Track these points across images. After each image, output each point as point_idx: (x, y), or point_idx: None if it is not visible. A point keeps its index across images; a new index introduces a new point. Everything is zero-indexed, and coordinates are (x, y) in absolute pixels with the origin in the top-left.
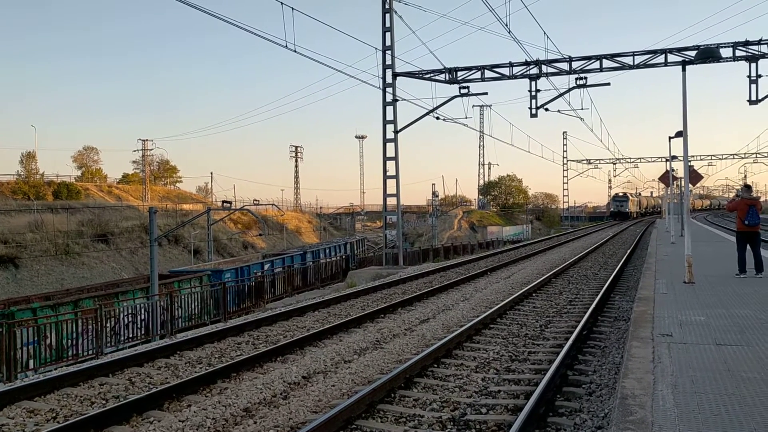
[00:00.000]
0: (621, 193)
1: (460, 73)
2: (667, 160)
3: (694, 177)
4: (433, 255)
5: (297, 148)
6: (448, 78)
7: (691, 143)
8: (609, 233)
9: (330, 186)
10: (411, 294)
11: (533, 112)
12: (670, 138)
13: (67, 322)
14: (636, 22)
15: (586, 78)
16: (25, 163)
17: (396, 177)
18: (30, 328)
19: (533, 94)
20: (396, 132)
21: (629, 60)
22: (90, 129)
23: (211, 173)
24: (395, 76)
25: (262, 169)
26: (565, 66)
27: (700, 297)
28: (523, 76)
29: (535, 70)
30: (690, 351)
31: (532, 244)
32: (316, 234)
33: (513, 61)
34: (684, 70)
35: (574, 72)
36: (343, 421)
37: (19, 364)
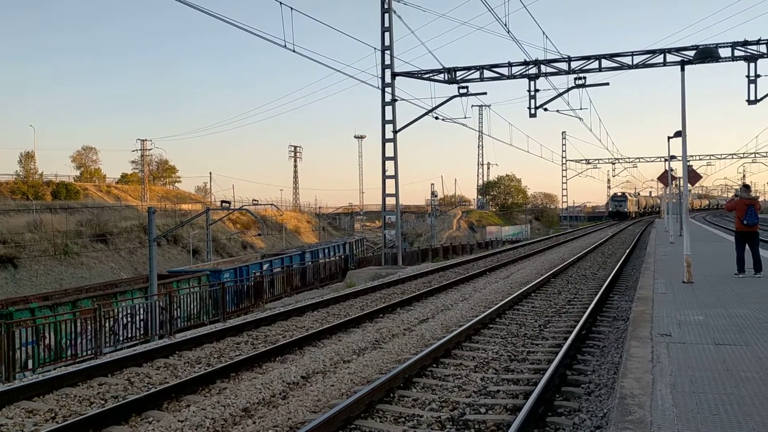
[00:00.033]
0: (619, 193)
1: (459, 73)
2: (665, 160)
3: (693, 177)
4: (432, 255)
5: (296, 148)
6: (447, 78)
7: (690, 143)
8: (608, 233)
9: (329, 186)
10: (410, 294)
11: (532, 112)
12: (668, 138)
13: (66, 322)
14: (635, 22)
15: (585, 78)
16: (24, 162)
17: (395, 177)
18: (28, 329)
19: (532, 94)
20: (395, 132)
21: (628, 60)
22: (89, 129)
23: (210, 173)
24: (394, 76)
25: (261, 169)
26: (564, 66)
27: (699, 297)
28: (522, 76)
29: (534, 70)
30: (689, 351)
31: (531, 244)
32: (315, 234)
33: (512, 61)
34: (683, 70)
35: (573, 72)
36: (342, 420)
37: (17, 364)
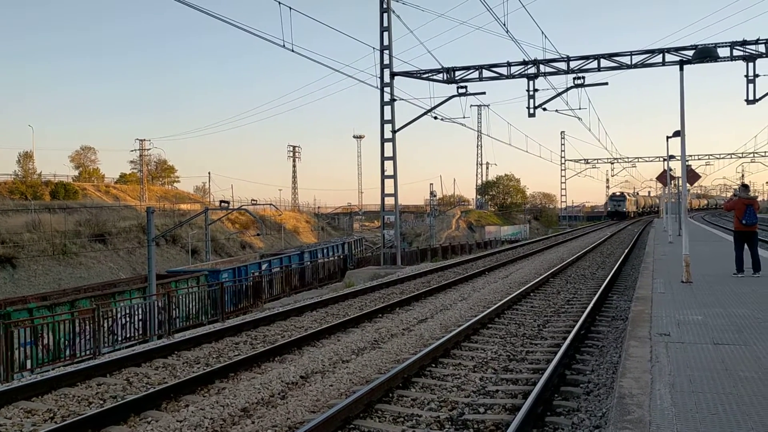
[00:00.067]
0: (618, 193)
1: (457, 72)
2: (664, 160)
3: (692, 176)
4: (431, 255)
5: (295, 147)
6: (445, 78)
7: (689, 143)
8: (607, 233)
9: (328, 186)
10: (409, 294)
11: (531, 111)
12: (667, 137)
13: (64, 322)
14: (634, 21)
15: (583, 77)
16: (23, 162)
17: (394, 177)
18: (26, 329)
19: (531, 93)
20: (394, 132)
21: (627, 60)
22: (87, 129)
23: (209, 173)
24: (393, 75)
25: (260, 169)
26: (562, 66)
27: (698, 296)
28: (520, 76)
29: (532, 70)
30: (688, 350)
31: (530, 243)
32: (314, 234)
33: (511, 60)
34: (681, 69)
35: (572, 72)
36: (341, 420)
37: (16, 364)
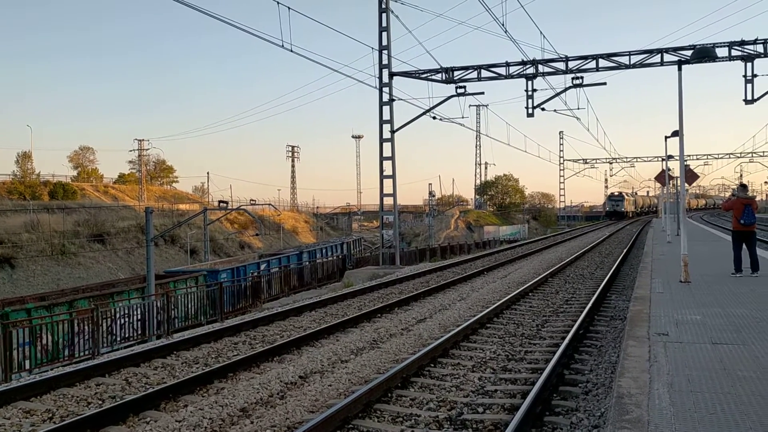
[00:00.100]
0: (616, 193)
1: (456, 72)
2: (663, 160)
3: (690, 176)
4: (430, 255)
5: (294, 147)
6: (444, 78)
7: (687, 143)
8: (605, 233)
9: (327, 186)
10: (408, 294)
11: (530, 111)
12: (666, 137)
13: (63, 322)
14: (632, 22)
15: (582, 77)
16: (21, 163)
17: (393, 177)
18: (25, 329)
19: (530, 93)
20: (393, 132)
21: (625, 60)
22: (86, 129)
23: (208, 173)
24: (392, 75)
25: (259, 169)
26: (561, 65)
27: (696, 296)
28: (519, 76)
29: (531, 70)
30: (686, 350)
31: (529, 243)
32: (313, 234)
33: (509, 60)
34: (680, 69)
35: (571, 72)
36: (340, 420)
37: (14, 364)
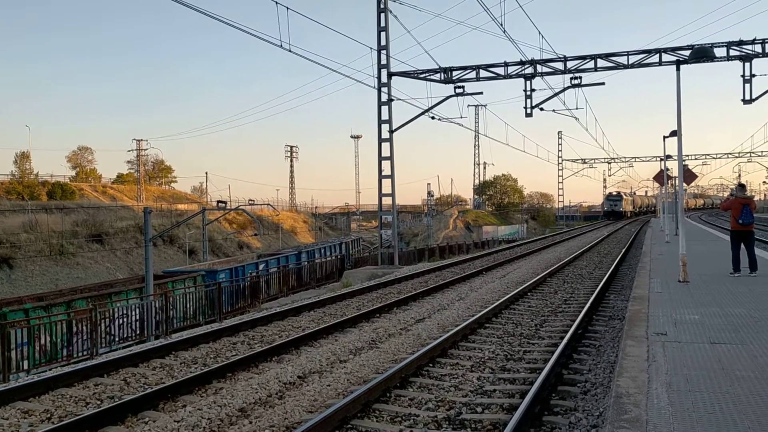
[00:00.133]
0: (615, 192)
1: (455, 72)
2: (661, 160)
3: (689, 176)
4: (429, 254)
5: (292, 147)
6: (443, 78)
7: (686, 142)
8: (604, 232)
9: (325, 186)
10: (406, 293)
11: (528, 111)
12: (664, 137)
13: (61, 322)
14: (631, 22)
15: (580, 77)
16: (19, 163)
17: (391, 177)
18: (23, 329)
19: (528, 93)
20: (391, 132)
21: (624, 60)
22: (84, 129)
23: (206, 173)
24: (390, 75)
25: (258, 169)
26: (559, 65)
27: (695, 296)
28: (518, 76)
29: (530, 70)
30: (684, 350)
31: (528, 243)
32: (312, 234)
33: (508, 60)
34: (678, 69)
35: (569, 71)
36: (339, 420)
37: (12, 365)
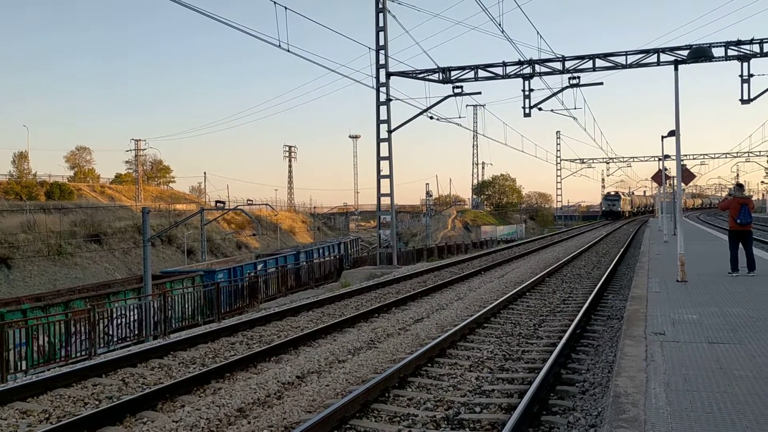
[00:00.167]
0: (613, 192)
1: (453, 72)
2: (659, 159)
3: (687, 176)
4: (427, 254)
5: (291, 147)
6: (441, 77)
7: (684, 142)
8: (602, 232)
9: (324, 186)
10: (405, 293)
11: (526, 111)
12: (662, 137)
13: (59, 323)
14: (629, 21)
15: (579, 77)
16: (18, 163)
17: (390, 176)
18: (21, 330)
19: (526, 93)
20: (390, 132)
21: (622, 59)
22: (83, 129)
23: (205, 173)
24: (389, 75)
25: (256, 169)
26: (558, 65)
27: (693, 295)
28: (516, 76)
29: (528, 70)
30: (683, 349)
31: (526, 243)
32: (310, 234)
33: (506, 60)
34: (676, 69)
35: (567, 71)
36: (337, 420)
37: (10, 365)
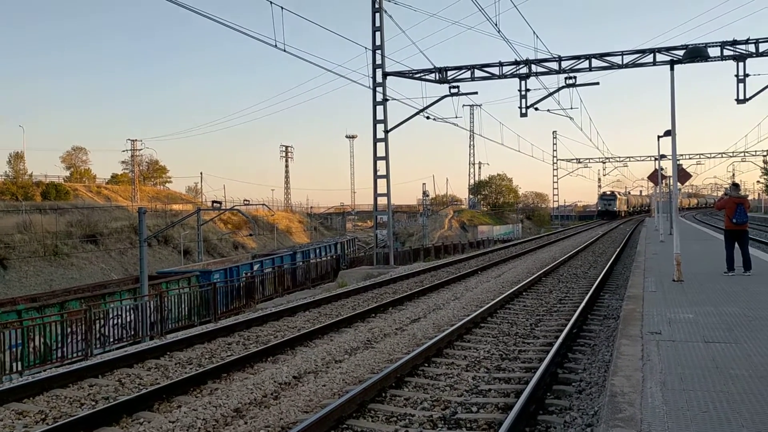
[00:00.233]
0: (609, 192)
1: (450, 72)
2: (655, 159)
3: (683, 176)
4: (424, 254)
5: (287, 147)
6: (438, 77)
7: (680, 142)
8: (599, 232)
9: (321, 186)
10: (402, 293)
11: (523, 111)
12: (658, 137)
13: (54, 323)
14: (625, 22)
15: (575, 77)
16: (13, 163)
17: (386, 176)
18: (16, 330)
19: (523, 93)
20: (386, 131)
21: (618, 59)
22: (79, 129)
23: (201, 173)
24: (385, 75)
25: (253, 169)
26: (554, 65)
27: (689, 295)
28: (512, 76)
29: (524, 70)
30: (679, 348)
31: (522, 243)
32: (307, 234)
33: (503, 60)
34: (672, 69)
35: (564, 71)
36: (334, 420)
37: (6, 366)
